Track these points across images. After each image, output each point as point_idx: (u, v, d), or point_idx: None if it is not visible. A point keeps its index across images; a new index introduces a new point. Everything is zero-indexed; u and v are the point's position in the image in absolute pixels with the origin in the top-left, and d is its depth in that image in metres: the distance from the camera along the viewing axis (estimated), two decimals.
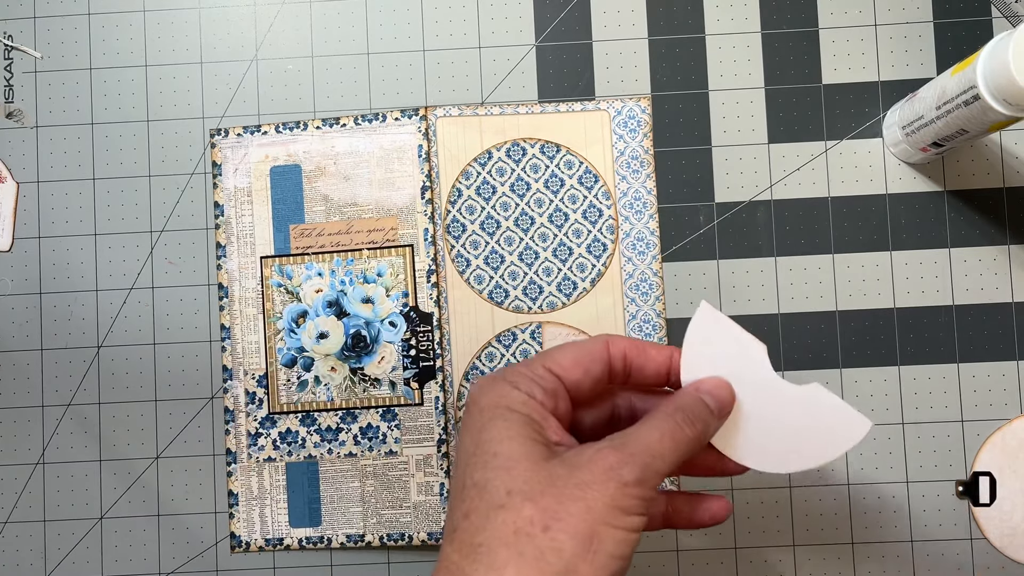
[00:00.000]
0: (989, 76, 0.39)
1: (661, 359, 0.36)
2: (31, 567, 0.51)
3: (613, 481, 0.30)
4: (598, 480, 0.30)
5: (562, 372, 0.33)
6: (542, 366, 0.33)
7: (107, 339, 0.51)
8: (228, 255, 0.51)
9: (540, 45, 0.52)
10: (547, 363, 0.34)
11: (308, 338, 0.51)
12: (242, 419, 0.51)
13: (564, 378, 0.33)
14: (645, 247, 0.51)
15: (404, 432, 0.50)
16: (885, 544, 0.49)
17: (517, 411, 0.32)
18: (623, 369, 0.35)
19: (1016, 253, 0.50)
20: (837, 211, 0.51)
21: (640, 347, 0.35)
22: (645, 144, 0.51)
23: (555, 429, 0.32)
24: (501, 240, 0.51)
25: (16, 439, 0.51)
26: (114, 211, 0.52)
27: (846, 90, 0.51)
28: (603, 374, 0.34)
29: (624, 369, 0.35)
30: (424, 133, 0.51)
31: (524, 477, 0.30)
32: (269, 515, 0.50)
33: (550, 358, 0.34)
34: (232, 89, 0.52)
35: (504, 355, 0.50)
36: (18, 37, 0.52)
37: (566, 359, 0.34)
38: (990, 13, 0.51)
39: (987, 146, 0.50)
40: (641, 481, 0.30)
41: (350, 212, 0.51)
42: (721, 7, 0.51)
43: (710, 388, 0.34)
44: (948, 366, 0.50)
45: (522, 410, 0.32)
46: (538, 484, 0.30)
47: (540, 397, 0.32)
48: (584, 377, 0.34)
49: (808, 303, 0.50)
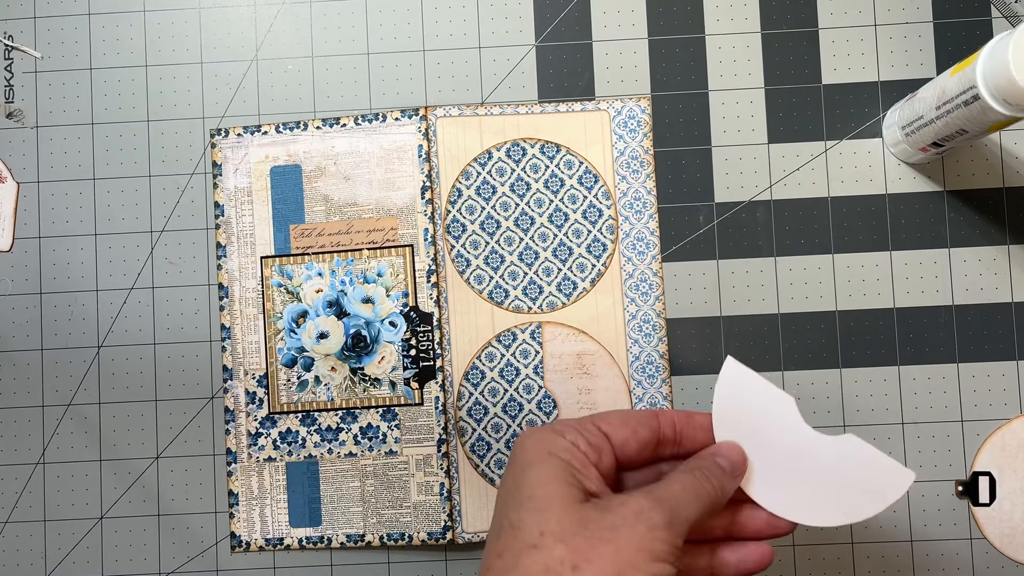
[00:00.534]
0: (989, 76, 0.39)
1: (708, 426, 0.37)
2: (31, 567, 0.51)
3: (643, 524, 0.31)
4: (628, 523, 0.31)
5: (610, 430, 0.35)
6: (591, 422, 0.35)
7: (107, 339, 0.51)
8: (228, 255, 0.51)
9: (540, 45, 0.52)
10: (596, 420, 0.35)
11: (308, 338, 0.51)
12: (242, 419, 0.51)
13: (611, 435, 0.35)
14: (645, 247, 0.51)
15: (404, 432, 0.50)
16: (885, 544, 0.49)
17: (559, 456, 0.33)
18: (673, 437, 0.36)
19: (1016, 253, 0.50)
20: (837, 211, 0.51)
21: (688, 417, 0.37)
22: (645, 144, 0.51)
23: (595, 480, 0.33)
24: (501, 240, 0.51)
25: (16, 439, 0.51)
26: (114, 211, 0.52)
27: (846, 90, 0.51)
28: (650, 438, 0.36)
29: (675, 437, 0.36)
30: (424, 133, 0.51)
31: (557, 518, 0.31)
32: (269, 515, 0.50)
33: (600, 416, 0.35)
34: (232, 89, 0.52)
35: (504, 355, 0.50)
36: (18, 37, 0.53)
37: (615, 418, 0.35)
38: (990, 13, 0.51)
39: (987, 146, 0.50)
40: (670, 524, 0.31)
41: (350, 212, 0.51)
42: (721, 7, 0.51)
43: (723, 450, 0.36)
44: (948, 366, 0.50)
45: (564, 456, 0.33)
46: (570, 526, 0.31)
47: (584, 448, 0.34)
48: (631, 437, 0.35)
49: (808, 303, 0.50)
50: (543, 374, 0.50)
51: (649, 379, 0.50)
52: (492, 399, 0.50)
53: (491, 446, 0.50)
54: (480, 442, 0.50)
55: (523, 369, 0.50)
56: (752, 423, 0.37)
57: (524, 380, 0.50)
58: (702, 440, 0.37)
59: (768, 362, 0.50)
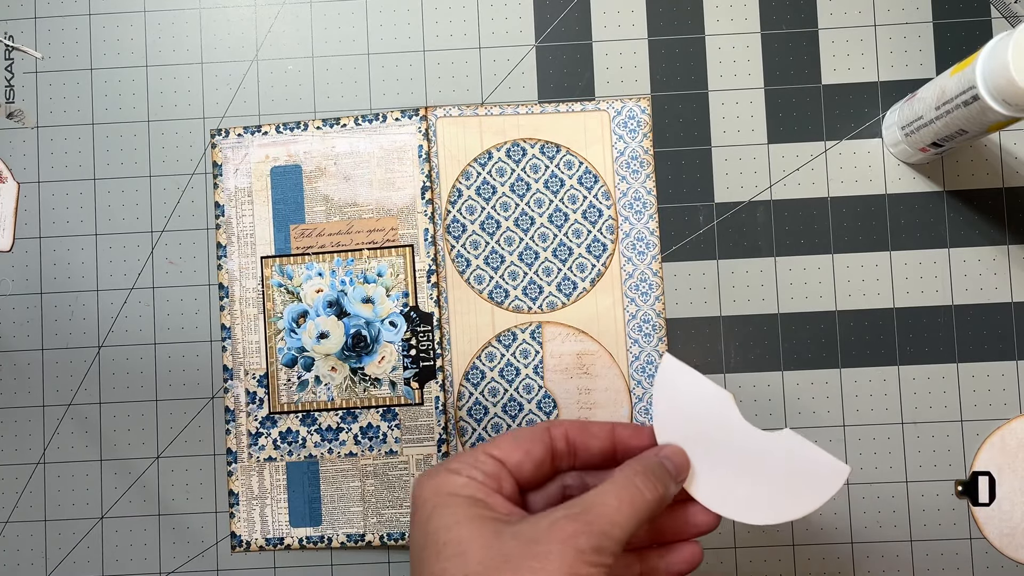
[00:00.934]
0: (988, 76, 0.39)
1: (603, 435, 0.36)
2: (31, 567, 0.51)
3: (570, 550, 0.30)
4: (555, 552, 0.30)
5: (502, 455, 0.34)
6: (482, 452, 0.34)
7: (108, 339, 0.51)
8: (229, 255, 0.51)
9: (540, 45, 0.52)
10: (487, 448, 0.34)
11: (308, 338, 0.51)
12: (242, 419, 0.51)
13: (505, 460, 0.34)
14: (645, 247, 0.51)
15: (404, 432, 0.50)
16: (885, 544, 0.49)
17: (460, 495, 0.32)
18: (567, 449, 0.35)
19: (1015, 253, 0.50)
20: (837, 211, 0.51)
21: (582, 427, 0.36)
22: (645, 144, 0.51)
23: (502, 507, 0.32)
24: (501, 240, 0.51)
25: (17, 439, 0.51)
26: (115, 211, 0.52)
27: (846, 90, 0.51)
28: (545, 455, 0.35)
29: (568, 449, 0.35)
30: (424, 133, 0.51)
31: (478, 559, 0.30)
32: (269, 515, 0.50)
33: (490, 444, 0.34)
34: (233, 89, 0.52)
35: (504, 355, 0.51)
36: (19, 37, 0.53)
37: (506, 442, 0.34)
38: (989, 13, 0.51)
39: (987, 146, 0.50)
40: (599, 549, 0.30)
41: (350, 212, 0.51)
42: (721, 7, 0.51)
43: (669, 453, 0.35)
44: (947, 366, 0.50)
45: (464, 492, 0.32)
46: (493, 562, 0.30)
47: (482, 479, 0.33)
48: (525, 459, 0.34)
49: (808, 303, 0.50)
50: (543, 374, 0.50)
51: (649, 379, 0.50)
52: (492, 399, 0.50)
53: None
54: (480, 442, 0.50)
55: (523, 369, 0.50)
56: (690, 421, 0.36)
57: (524, 380, 0.50)
58: (598, 448, 0.36)
59: (768, 362, 0.50)
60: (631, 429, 0.37)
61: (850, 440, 0.50)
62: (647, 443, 0.36)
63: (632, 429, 0.37)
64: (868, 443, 0.50)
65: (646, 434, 0.37)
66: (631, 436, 0.36)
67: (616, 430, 0.36)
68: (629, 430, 0.37)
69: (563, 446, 0.35)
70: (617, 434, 0.36)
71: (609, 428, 0.36)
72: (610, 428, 0.36)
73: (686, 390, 0.37)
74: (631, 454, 0.36)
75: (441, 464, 0.34)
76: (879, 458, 0.50)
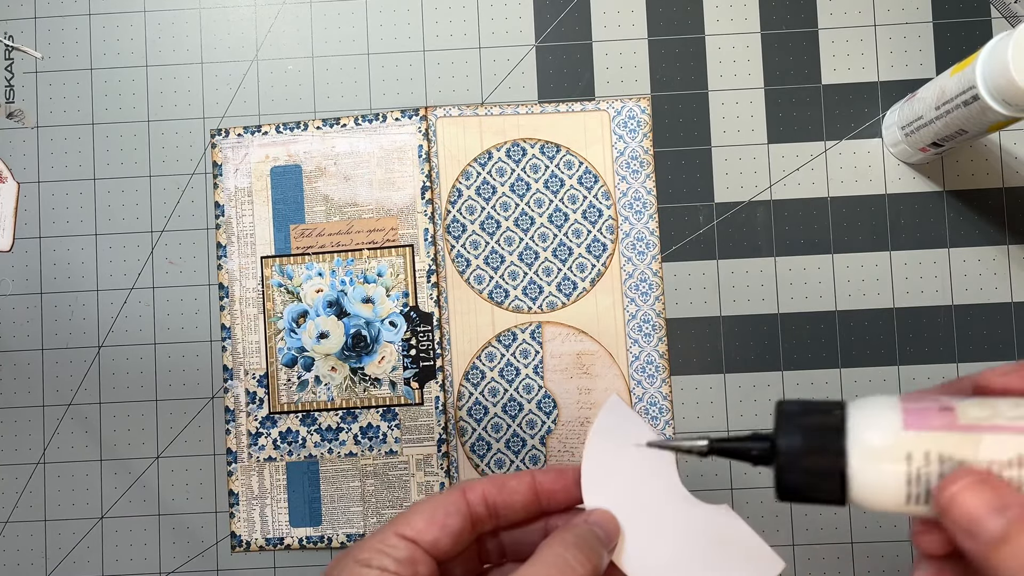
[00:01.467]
0: (988, 76, 0.39)
1: (524, 488, 0.33)
2: (31, 567, 0.51)
3: None
4: None
5: (415, 535, 0.31)
6: (393, 533, 0.31)
7: (108, 339, 0.51)
8: (229, 255, 0.51)
9: (540, 45, 0.52)
10: (398, 528, 0.31)
11: (308, 338, 0.51)
12: (242, 419, 0.51)
13: (419, 540, 0.31)
14: (645, 247, 0.51)
15: (404, 432, 0.50)
16: (885, 544, 0.49)
17: None
18: (488, 513, 0.32)
19: (1015, 253, 0.50)
20: (837, 211, 0.51)
21: (500, 485, 0.33)
22: (645, 144, 0.51)
23: None
24: (501, 240, 0.51)
25: (17, 439, 0.51)
26: (115, 211, 0.52)
27: (845, 90, 0.51)
28: (463, 526, 0.32)
29: (489, 513, 0.32)
30: (424, 133, 0.51)
31: None
32: (269, 514, 0.50)
33: (401, 522, 0.31)
34: (233, 89, 0.52)
35: (504, 355, 0.51)
36: (19, 37, 0.53)
37: (418, 520, 0.31)
38: (989, 13, 0.51)
39: (986, 146, 0.50)
40: None
41: (350, 212, 0.51)
42: (721, 7, 0.51)
43: (598, 519, 0.32)
44: (948, 366, 0.50)
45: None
46: None
47: (394, 567, 0.30)
48: (441, 534, 0.31)
49: (808, 303, 0.50)
50: (543, 374, 0.50)
51: (649, 379, 0.50)
52: (492, 399, 0.50)
53: (491, 446, 0.50)
54: (480, 442, 0.50)
55: (523, 369, 0.50)
56: (625, 476, 0.32)
57: (524, 380, 0.50)
58: (521, 504, 0.33)
59: (768, 362, 0.50)
60: (552, 474, 0.33)
61: None
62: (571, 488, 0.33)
63: (554, 474, 0.33)
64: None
65: (570, 478, 0.33)
66: (554, 482, 0.33)
67: (536, 479, 0.33)
68: (551, 476, 0.33)
69: (483, 511, 0.32)
70: (539, 483, 0.33)
71: (529, 480, 0.33)
72: (530, 479, 0.33)
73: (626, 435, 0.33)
74: (556, 501, 0.33)
75: (349, 552, 0.30)
76: None
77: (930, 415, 0.23)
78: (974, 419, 0.23)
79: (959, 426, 0.23)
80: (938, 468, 0.23)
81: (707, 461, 0.49)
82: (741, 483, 0.50)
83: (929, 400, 0.24)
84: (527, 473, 0.33)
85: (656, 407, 0.50)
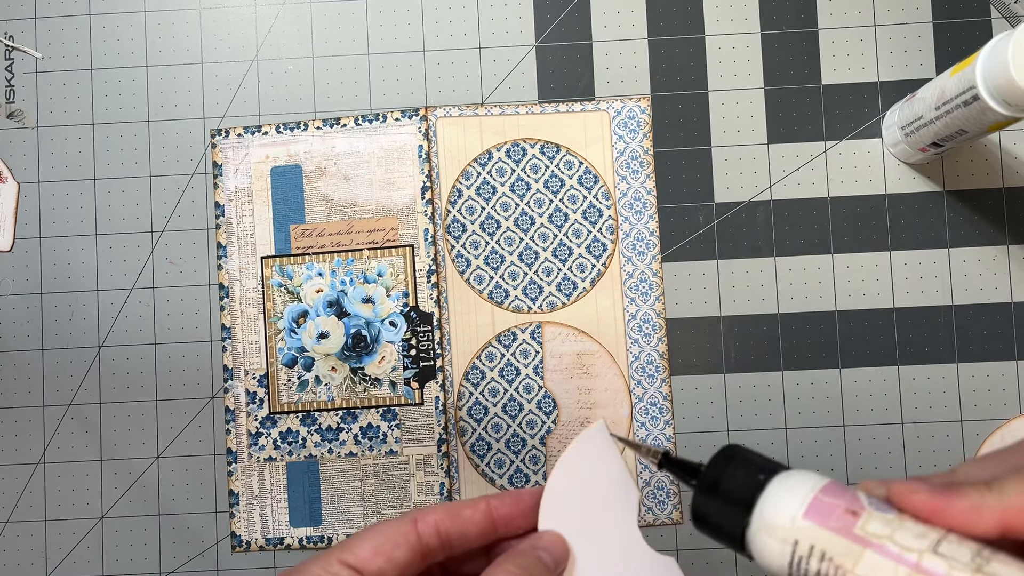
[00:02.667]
0: (988, 76, 0.39)
1: (479, 517, 0.32)
2: (31, 567, 0.51)
3: None
4: None
5: (359, 563, 0.29)
6: (337, 560, 0.29)
7: (108, 339, 0.51)
8: (229, 255, 0.51)
9: (540, 45, 0.52)
10: (342, 555, 0.29)
11: (308, 338, 0.51)
12: (243, 419, 0.51)
13: (363, 570, 0.29)
14: (645, 247, 0.51)
15: (404, 432, 0.50)
16: None
17: None
18: (440, 545, 0.31)
19: (1015, 253, 0.50)
20: (837, 211, 0.51)
21: (454, 515, 0.31)
22: (645, 144, 0.51)
23: None
24: (501, 240, 0.51)
25: (17, 439, 0.51)
26: (115, 211, 0.52)
27: (845, 90, 0.51)
28: (411, 558, 0.30)
29: (442, 544, 0.31)
30: (424, 133, 0.51)
31: None
32: (270, 514, 0.50)
33: (346, 549, 0.30)
34: (233, 89, 0.52)
35: (504, 355, 0.51)
36: (19, 37, 0.53)
37: (364, 549, 0.30)
38: (989, 13, 0.51)
39: (986, 146, 0.50)
40: None
41: (350, 212, 0.51)
42: (721, 7, 0.52)
43: (547, 543, 0.31)
44: (947, 366, 0.50)
45: None
46: None
47: None
48: (387, 565, 0.30)
49: (808, 303, 0.50)
50: (543, 374, 0.50)
51: (649, 379, 0.50)
52: (492, 399, 0.50)
53: (491, 446, 0.50)
54: (480, 442, 0.50)
55: (523, 369, 0.50)
56: (587, 502, 0.32)
57: (524, 380, 0.50)
58: (476, 533, 0.31)
59: (768, 362, 0.50)
60: (509, 500, 0.32)
61: (850, 440, 0.50)
62: (528, 513, 0.32)
63: (511, 500, 0.32)
64: (868, 443, 0.50)
65: (527, 503, 0.32)
66: (511, 507, 0.32)
67: (492, 505, 0.32)
68: (507, 501, 0.32)
69: (434, 542, 0.31)
70: (494, 509, 0.32)
71: (484, 507, 0.32)
72: (485, 507, 0.32)
73: (598, 465, 0.32)
74: (512, 527, 0.32)
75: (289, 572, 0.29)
76: (879, 458, 0.50)
77: (833, 513, 0.24)
78: (869, 533, 0.23)
79: (851, 534, 0.23)
80: (817, 565, 0.23)
81: None
82: None
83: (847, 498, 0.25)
84: (482, 499, 0.32)
85: (656, 407, 0.50)
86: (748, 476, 0.26)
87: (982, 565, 0.21)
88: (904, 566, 0.22)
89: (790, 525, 0.24)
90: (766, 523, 0.25)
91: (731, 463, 0.27)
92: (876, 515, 0.24)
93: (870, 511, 0.24)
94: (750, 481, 0.26)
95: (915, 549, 0.22)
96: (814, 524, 0.24)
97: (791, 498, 0.25)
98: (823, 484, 0.25)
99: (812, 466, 0.50)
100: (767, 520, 0.25)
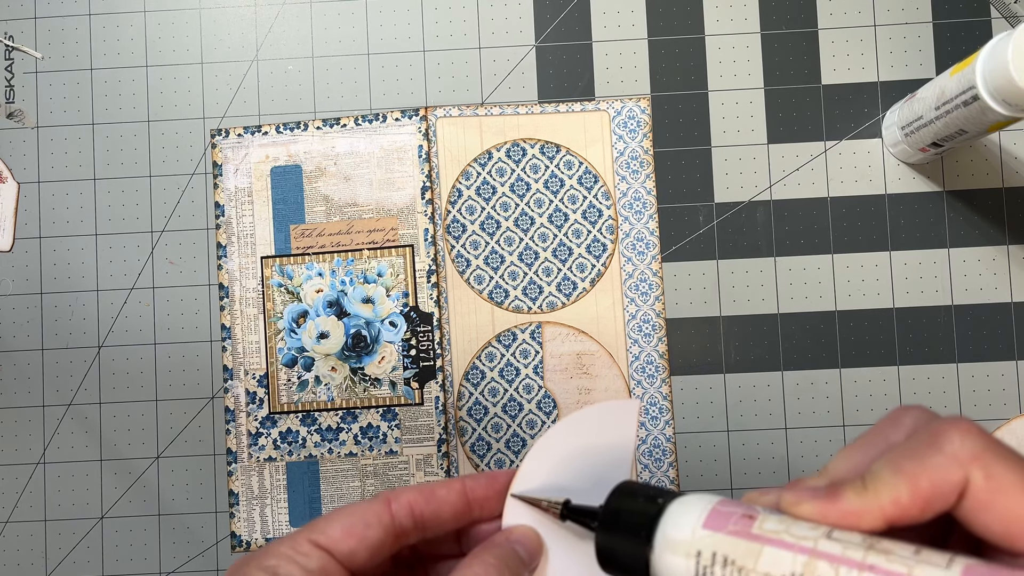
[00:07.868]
0: (988, 76, 0.39)
1: (454, 498, 0.31)
2: (31, 567, 0.51)
3: None
4: None
5: (330, 544, 0.28)
6: (307, 540, 0.28)
7: (108, 339, 0.51)
8: (229, 255, 0.51)
9: (540, 45, 0.52)
10: (312, 535, 0.28)
11: (308, 338, 0.51)
12: (243, 419, 0.51)
13: (333, 550, 0.28)
14: (645, 247, 0.51)
15: (404, 432, 0.50)
16: None
17: None
18: (413, 526, 0.30)
19: (1015, 253, 0.50)
20: (836, 211, 0.51)
21: (428, 496, 0.31)
22: (645, 144, 0.51)
23: None
24: (501, 240, 0.51)
25: (17, 439, 0.51)
26: (115, 211, 0.52)
27: (845, 90, 0.51)
28: (383, 538, 0.29)
29: (415, 525, 0.30)
30: (424, 133, 0.51)
31: None
32: (270, 514, 0.50)
33: (316, 528, 0.29)
34: (233, 89, 0.52)
35: (504, 355, 0.51)
36: (19, 37, 0.53)
37: (335, 529, 0.29)
38: (989, 13, 0.51)
39: (986, 146, 0.50)
40: None
41: (350, 212, 0.51)
42: (721, 7, 0.52)
43: (520, 537, 0.30)
44: (947, 366, 0.50)
45: None
46: None
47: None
48: (358, 546, 0.29)
49: (808, 303, 0.50)
50: (543, 374, 0.50)
51: (649, 379, 0.50)
52: (492, 399, 0.50)
53: (491, 446, 0.50)
54: (480, 442, 0.50)
55: (523, 369, 0.50)
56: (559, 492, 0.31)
57: (524, 380, 0.50)
58: (450, 515, 0.31)
59: (768, 362, 0.50)
60: (484, 481, 0.32)
61: (850, 440, 0.50)
62: (504, 494, 0.32)
63: (485, 481, 0.32)
64: None
65: (502, 484, 0.32)
66: (486, 488, 0.32)
67: (467, 486, 0.31)
68: (482, 483, 0.32)
69: (408, 523, 0.30)
70: (469, 490, 0.31)
71: (459, 487, 0.31)
72: (460, 487, 0.31)
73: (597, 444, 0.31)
74: (488, 508, 0.32)
75: (254, 556, 0.28)
76: None
77: (730, 519, 0.24)
78: (766, 531, 0.24)
79: (749, 534, 0.24)
80: (720, 570, 0.24)
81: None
82: (737, 475, 0.50)
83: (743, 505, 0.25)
84: (457, 480, 0.31)
85: (656, 407, 0.50)
86: (647, 502, 0.26)
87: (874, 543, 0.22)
88: (802, 554, 0.23)
89: (691, 537, 0.25)
90: (669, 541, 0.25)
91: (628, 496, 0.27)
92: (771, 516, 0.24)
93: (765, 513, 0.25)
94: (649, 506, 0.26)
95: (810, 537, 0.23)
96: (714, 532, 0.24)
97: (690, 513, 0.25)
98: (719, 499, 0.26)
99: (811, 466, 0.50)
100: (669, 538, 0.25)
